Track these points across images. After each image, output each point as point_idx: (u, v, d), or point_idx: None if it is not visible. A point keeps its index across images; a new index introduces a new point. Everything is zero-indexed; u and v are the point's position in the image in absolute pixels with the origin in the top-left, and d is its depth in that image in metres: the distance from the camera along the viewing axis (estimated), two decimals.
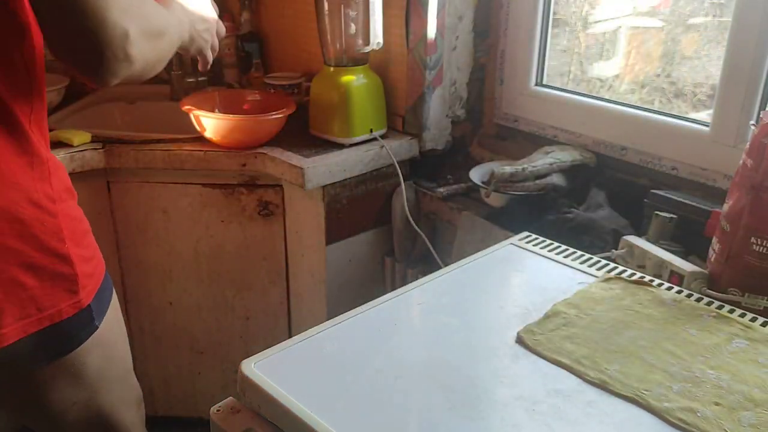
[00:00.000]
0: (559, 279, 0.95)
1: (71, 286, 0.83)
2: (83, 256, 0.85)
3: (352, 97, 1.42)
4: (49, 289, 0.81)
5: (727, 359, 0.77)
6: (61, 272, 0.82)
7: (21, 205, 0.77)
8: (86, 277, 0.85)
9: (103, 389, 0.95)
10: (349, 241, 1.46)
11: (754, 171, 0.89)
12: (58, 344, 0.85)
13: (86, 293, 0.85)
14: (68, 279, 0.83)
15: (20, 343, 0.80)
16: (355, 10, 1.42)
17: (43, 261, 0.80)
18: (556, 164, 1.30)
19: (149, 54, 0.74)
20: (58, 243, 0.81)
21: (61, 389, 0.90)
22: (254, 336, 1.63)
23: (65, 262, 0.82)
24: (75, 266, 0.83)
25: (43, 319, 0.81)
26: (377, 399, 0.71)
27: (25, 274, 0.79)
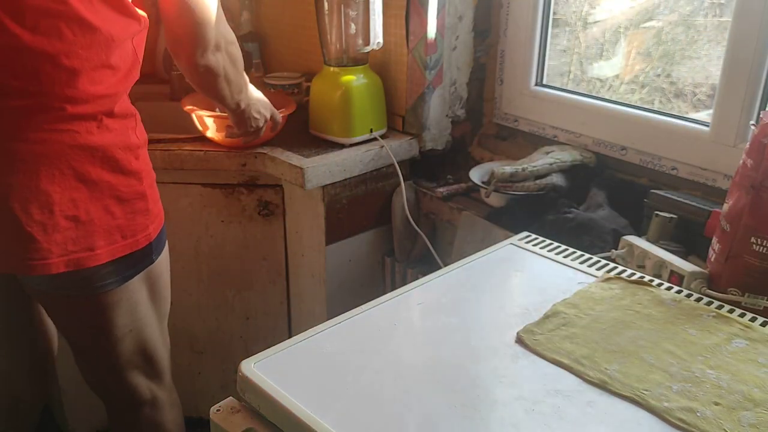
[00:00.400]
0: (559, 279, 0.95)
1: (145, 220, 0.99)
2: (154, 198, 1.02)
3: (352, 97, 1.42)
4: (132, 220, 0.97)
5: (727, 359, 0.77)
6: (141, 207, 0.98)
7: (118, 147, 0.94)
8: (155, 215, 1.02)
9: (148, 321, 1.08)
10: (349, 241, 1.46)
11: (754, 171, 0.89)
12: (128, 270, 1.00)
13: (153, 228, 1.02)
14: (144, 214, 0.99)
15: (105, 265, 0.96)
16: (355, 10, 1.42)
17: (128, 195, 0.96)
18: (556, 164, 1.30)
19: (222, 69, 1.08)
20: (138, 182, 0.97)
21: (120, 317, 1.02)
22: (254, 336, 1.63)
23: (143, 199, 0.98)
24: (149, 203, 1.00)
25: (125, 246, 0.97)
26: (377, 399, 0.71)
27: (115, 205, 0.94)
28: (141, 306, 1.05)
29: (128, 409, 1.16)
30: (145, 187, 0.99)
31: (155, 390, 1.16)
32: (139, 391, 1.14)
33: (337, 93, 1.42)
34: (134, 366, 1.11)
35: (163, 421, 1.18)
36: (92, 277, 0.96)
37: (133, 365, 1.11)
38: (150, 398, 1.15)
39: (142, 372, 1.13)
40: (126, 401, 1.15)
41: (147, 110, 1.85)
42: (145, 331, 1.09)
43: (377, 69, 1.52)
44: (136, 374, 1.12)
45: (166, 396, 1.19)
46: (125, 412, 1.17)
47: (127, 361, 1.09)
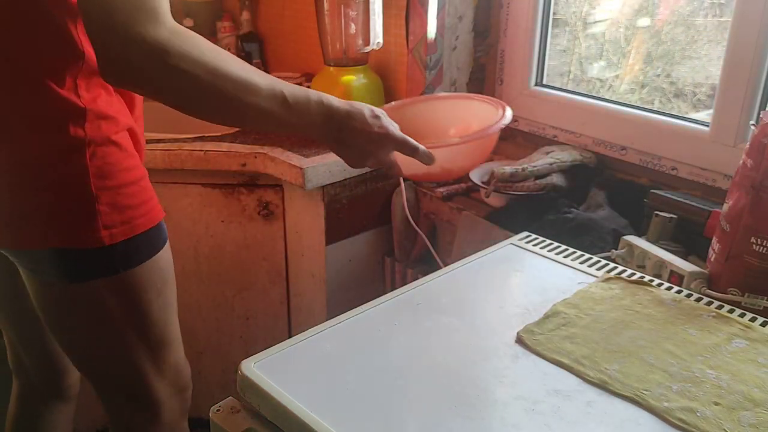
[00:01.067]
0: (559, 279, 0.96)
1: (92, 221, 0.90)
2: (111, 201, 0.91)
3: (352, 97, 1.42)
4: (72, 217, 0.89)
5: (727, 359, 0.77)
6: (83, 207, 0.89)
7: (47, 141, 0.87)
8: (113, 220, 0.91)
9: (127, 339, 0.99)
10: (349, 241, 1.46)
11: (754, 171, 0.89)
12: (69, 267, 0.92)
13: (109, 234, 0.91)
14: (90, 215, 0.90)
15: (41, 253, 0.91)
16: (355, 10, 1.42)
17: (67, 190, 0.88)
18: (556, 164, 1.30)
19: None
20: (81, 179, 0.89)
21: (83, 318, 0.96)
22: (254, 336, 1.63)
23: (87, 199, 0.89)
24: (99, 204, 0.90)
25: (63, 239, 0.89)
26: (377, 399, 0.71)
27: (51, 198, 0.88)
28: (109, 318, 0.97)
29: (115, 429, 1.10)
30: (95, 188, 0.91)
31: (144, 422, 1.07)
32: (121, 415, 1.07)
33: (337, 93, 1.41)
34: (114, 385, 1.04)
35: None
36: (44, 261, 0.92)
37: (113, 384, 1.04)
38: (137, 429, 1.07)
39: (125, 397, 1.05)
40: (113, 423, 1.09)
41: (147, 110, 1.86)
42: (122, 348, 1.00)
43: (377, 69, 1.52)
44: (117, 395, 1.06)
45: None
46: None
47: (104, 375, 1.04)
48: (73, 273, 0.93)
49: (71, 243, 0.91)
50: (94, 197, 0.90)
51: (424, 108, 1.14)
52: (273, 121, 0.84)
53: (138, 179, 0.95)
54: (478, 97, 1.13)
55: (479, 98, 1.13)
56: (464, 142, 1.01)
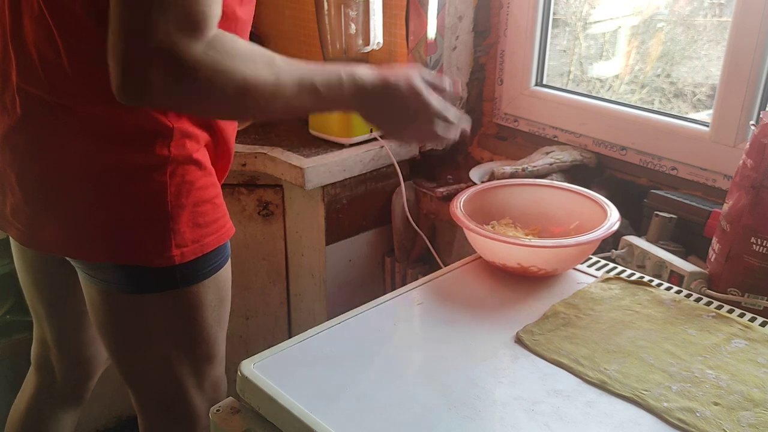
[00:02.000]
0: (558, 279, 0.95)
1: (164, 240, 0.87)
2: (188, 220, 0.89)
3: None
4: (144, 235, 0.87)
5: (727, 359, 0.77)
6: (159, 224, 0.87)
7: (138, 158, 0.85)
8: (186, 238, 0.89)
9: (175, 352, 0.97)
10: (349, 241, 1.46)
11: (754, 171, 0.89)
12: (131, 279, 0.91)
13: (181, 253, 0.89)
14: (164, 232, 0.87)
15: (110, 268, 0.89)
16: (355, 10, 1.42)
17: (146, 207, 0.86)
18: (556, 164, 1.30)
19: None
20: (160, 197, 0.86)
21: (133, 327, 0.95)
22: (254, 336, 1.63)
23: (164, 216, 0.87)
24: (173, 222, 0.88)
25: (133, 257, 0.88)
26: (377, 399, 0.71)
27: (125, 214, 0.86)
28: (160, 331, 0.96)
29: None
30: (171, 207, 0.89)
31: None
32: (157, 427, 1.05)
33: None
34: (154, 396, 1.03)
35: None
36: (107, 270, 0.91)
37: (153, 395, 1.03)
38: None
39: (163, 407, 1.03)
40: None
41: None
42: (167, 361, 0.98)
43: None
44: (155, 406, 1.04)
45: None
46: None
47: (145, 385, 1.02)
48: (133, 286, 0.92)
49: (141, 261, 0.89)
50: (170, 216, 0.88)
51: (533, 192, 1.07)
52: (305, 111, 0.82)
53: (213, 197, 0.93)
54: (590, 195, 1.02)
55: (590, 196, 1.02)
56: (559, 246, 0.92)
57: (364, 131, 1.44)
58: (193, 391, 1.02)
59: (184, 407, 1.02)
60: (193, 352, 0.99)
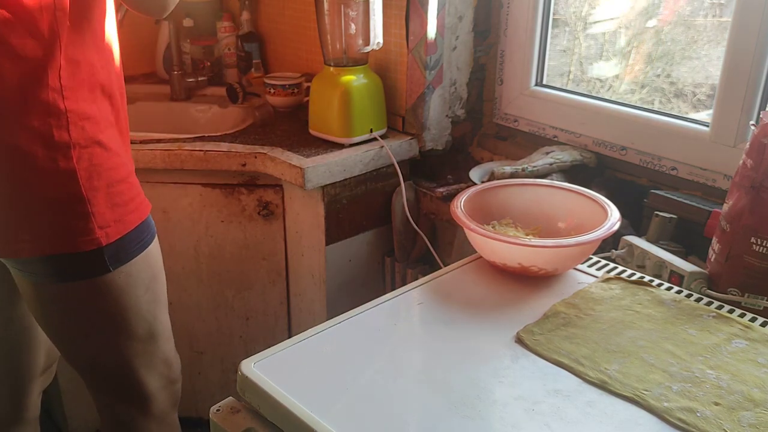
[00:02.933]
0: (559, 279, 0.95)
1: (88, 224, 0.90)
2: (104, 202, 0.92)
3: (352, 97, 1.42)
4: (67, 222, 0.90)
5: (727, 359, 0.77)
6: (80, 211, 0.90)
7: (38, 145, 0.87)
8: (106, 219, 0.92)
9: (118, 335, 1.00)
10: (349, 241, 1.46)
11: (754, 171, 0.89)
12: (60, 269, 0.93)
13: (105, 234, 0.92)
14: (84, 218, 0.90)
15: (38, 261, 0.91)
16: (355, 10, 1.42)
17: (59, 196, 0.89)
18: (556, 164, 1.30)
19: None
20: (73, 184, 0.89)
21: (73, 316, 0.97)
22: (254, 336, 1.63)
23: (81, 203, 0.90)
24: (92, 207, 0.91)
25: (56, 246, 0.90)
26: (377, 399, 0.71)
27: (42, 204, 0.88)
28: (99, 316, 0.98)
29: (107, 426, 1.11)
30: (84, 188, 0.90)
31: (135, 414, 1.08)
32: (113, 409, 1.07)
33: (337, 93, 1.42)
34: (105, 380, 1.05)
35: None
36: (34, 264, 0.92)
37: (104, 379, 1.05)
38: (128, 421, 1.08)
39: (116, 390, 1.06)
40: (104, 417, 1.10)
41: (147, 110, 1.86)
42: (112, 345, 1.01)
43: (377, 69, 1.52)
44: (108, 390, 1.06)
45: (153, 425, 1.10)
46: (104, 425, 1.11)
47: (96, 371, 1.04)
48: (65, 275, 0.94)
49: (66, 248, 0.91)
50: (86, 200, 0.90)
51: (534, 192, 1.07)
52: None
53: (126, 176, 0.96)
54: (590, 195, 1.02)
55: (590, 196, 1.02)
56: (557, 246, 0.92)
57: (364, 131, 1.45)
58: (143, 371, 1.05)
59: (135, 387, 1.05)
60: (135, 332, 1.02)
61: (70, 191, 0.89)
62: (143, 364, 1.05)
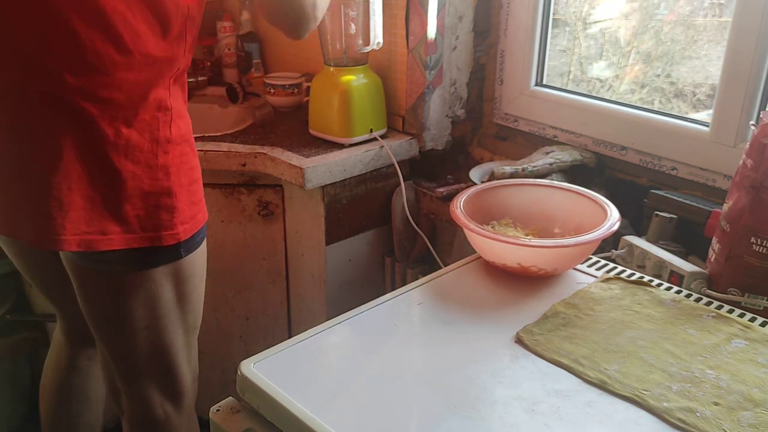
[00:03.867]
0: (558, 279, 0.95)
1: (172, 217, 0.96)
2: (188, 198, 0.98)
3: (352, 97, 1.42)
4: (155, 214, 0.94)
5: (727, 359, 0.77)
6: (166, 204, 0.95)
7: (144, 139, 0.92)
8: (188, 217, 0.98)
9: (171, 325, 1.04)
10: (349, 241, 1.46)
11: (754, 171, 0.89)
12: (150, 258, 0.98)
13: (184, 230, 0.98)
14: (170, 211, 0.95)
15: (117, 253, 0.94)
16: (355, 10, 1.42)
17: (152, 188, 0.94)
18: (556, 164, 1.30)
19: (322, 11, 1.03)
20: (165, 177, 0.95)
21: (139, 305, 1.00)
22: (254, 336, 1.63)
23: (169, 196, 0.95)
24: (176, 201, 0.96)
25: (144, 238, 0.94)
26: (377, 399, 0.71)
27: (136, 196, 0.93)
28: (163, 303, 1.01)
29: (136, 425, 1.12)
30: (173, 184, 0.95)
31: (170, 412, 1.11)
32: (151, 406, 1.09)
33: (337, 93, 1.42)
34: (149, 375, 1.07)
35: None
36: (112, 254, 0.95)
37: (148, 374, 1.07)
38: (162, 419, 1.11)
39: (157, 386, 1.08)
40: (137, 415, 1.11)
41: None
42: (166, 335, 1.04)
43: (377, 69, 1.52)
44: (150, 385, 1.08)
45: (183, 424, 1.13)
46: (133, 428, 1.13)
47: (142, 366, 1.06)
48: (141, 265, 0.97)
49: (151, 242, 0.95)
50: (174, 194, 0.96)
51: (533, 192, 1.07)
52: None
53: (199, 177, 1.03)
54: (590, 195, 1.02)
55: (590, 196, 1.02)
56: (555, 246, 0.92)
57: (364, 131, 1.45)
58: (183, 364, 1.09)
59: (175, 381, 1.09)
60: (185, 321, 1.06)
61: (163, 185, 0.94)
62: (184, 356, 1.09)
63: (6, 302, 1.67)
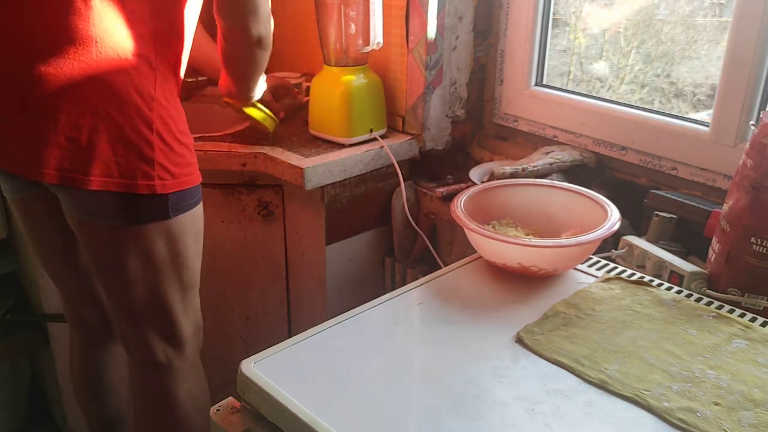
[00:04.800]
0: (559, 279, 0.95)
1: (149, 169, 1.03)
2: (167, 153, 1.05)
3: (352, 97, 1.42)
4: (133, 163, 1.02)
5: (727, 359, 0.77)
6: (146, 155, 1.02)
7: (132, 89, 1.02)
8: (165, 170, 1.05)
9: (167, 279, 1.13)
10: (349, 241, 1.46)
11: (754, 171, 0.89)
12: (138, 214, 1.06)
13: (162, 184, 1.05)
14: (148, 162, 1.02)
15: (103, 195, 1.02)
16: (355, 10, 1.41)
17: (133, 138, 1.01)
18: (556, 164, 1.30)
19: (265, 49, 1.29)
20: (148, 130, 1.02)
21: (133, 258, 1.09)
22: (254, 336, 1.63)
23: (150, 148, 1.02)
24: (155, 153, 1.03)
25: (120, 184, 1.01)
26: (377, 399, 0.71)
27: (117, 142, 1.00)
28: (156, 259, 1.10)
29: (143, 367, 1.21)
30: (155, 138, 1.03)
31: (172, 356, 1.19)
32: (153, 350, 1.18)
33: (337, 93, 1.42)
34: (149, 323, 1.16)
35: (175, 389, 1.21)
36: (105, 206, 1.04)
37: (148, 322, 1.16)
38: (165, 363, 1.19)
39: (157, 332, 1.17)
40: (142, 359, 1.20)
41: None
42: (161, 288, 1.13)
43: (377, 69, 1.52)
44: (150, 331, 1.16)
45: (186, 368, 1.22)
46: (140, 369, 1.22)
47: (142, 313, 1.15)
48: (133, 218, 1.05)
49: (128, 188, 1.02)
50: (154, 146, 1.03)
51: (533, 192, 1.07)
52: None
53: (189, 144, 1.11)
54: (590, 195, 1.03)
55: (590, 196, 1.02)
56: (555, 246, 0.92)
57: (364, 131, 1.44)
58: (181, 316, 1.18)
59: (175, 330, 1.18)
60: (181, 278, 1.15)
61: (144, 136, 1.02)
62: (182, 309, 1.17)
63: (6, 302, 1.67)
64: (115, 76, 1.00)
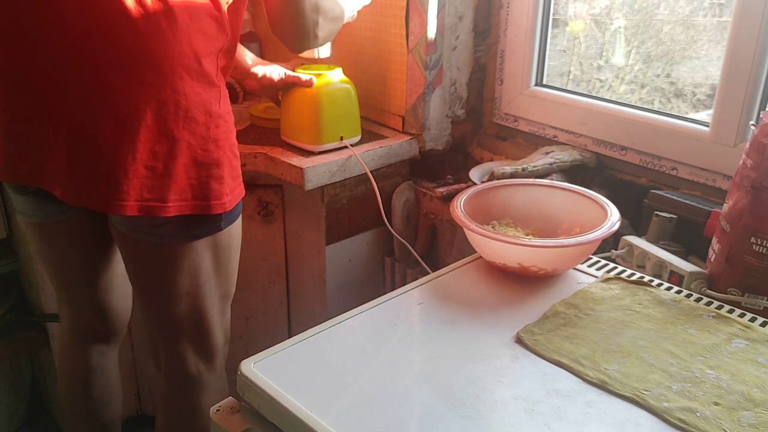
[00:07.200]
0: (559, 279, 0.95)
1: (220, 187, 1.02)
2: (231, 172, 1.05)
3: (321, 104, 1.35)
4: (205, 184, 1.01)
5: (727, 359, 0.77)
6: (215, 174, 1.01)
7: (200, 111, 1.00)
8: (229, 186, 1.04)
9: (209, 291, 1.11)
10: (349, 241, 1.46)
11: (754, 171, 0.89)
12: (197, 229, 1.04)
13: (229, 201, 1.04)
14: (218, 180, 1.02)
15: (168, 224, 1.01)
16: None
17: (204, 159, 1.00)
18: (556, 164, 1.30)
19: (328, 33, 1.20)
20: (216, 149, 1.01)
21: (185, 273, 1.07)
22: (254, 336, 1.63)
23: (218, 167, 1.02)
24: (223, 172, 1.03)
25: (195, 206, 1.01)
26: (377, 399, 0.71)
27: (191, 165, 0.99)
28: (203, 272, 1.08)
29: (171, 379, 1.20)
30: (222, 156, 1.02)
31: (202, 370, 1.18)
32: (186, 364, 1.16)
33: (306, 99, 1.36)
34: (186, 336, 1.14)
35: (202, 403, 1.19)
36: (164, 226, 1.01)
37: (186, 335, 1.14)
38: (195, 375, 1.18)
39: (192, 345, 1.15)
40: (172, 372, 1.19)
41: None
42: (204, 301, 1.12)
43: (377, 69, 1.52)
44: (186, 345, 1.15)
45: (214, 381, 1.21)
46: (168, 381, 1.20)
47: (180, 328, 1.13)
48: (189, 234, 1.04)
49: (203, 210, 1.01)
50: (222, 165, 1.02)
51: (533, 192, 1.07)
52: None
53: (239, 155, 1.10)
54: (590, 195, 1.02)
55: (590, 196, 1.02)
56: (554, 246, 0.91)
57: (333, 139, 1.38)
58: (217, 328, 1.16)
59: (209, 342, 1.16)
60: (221, 289, 1.14)
61: (213, 157, 1.01)
62: (218, 321, 1.16)
63: (6, 302, 1.67)
64: (187, 98, 0.98)
